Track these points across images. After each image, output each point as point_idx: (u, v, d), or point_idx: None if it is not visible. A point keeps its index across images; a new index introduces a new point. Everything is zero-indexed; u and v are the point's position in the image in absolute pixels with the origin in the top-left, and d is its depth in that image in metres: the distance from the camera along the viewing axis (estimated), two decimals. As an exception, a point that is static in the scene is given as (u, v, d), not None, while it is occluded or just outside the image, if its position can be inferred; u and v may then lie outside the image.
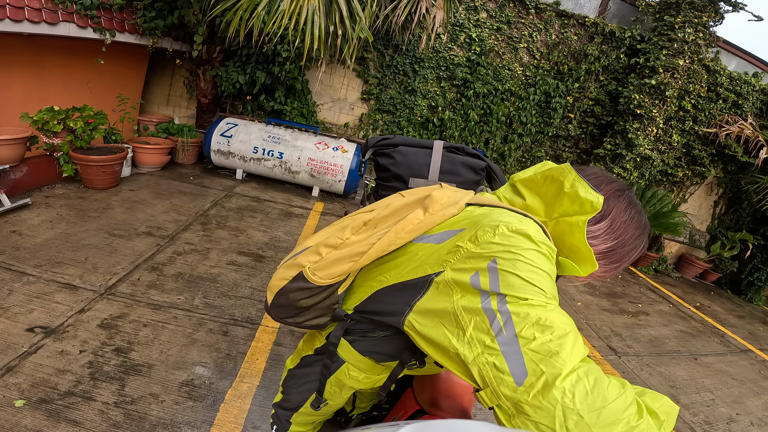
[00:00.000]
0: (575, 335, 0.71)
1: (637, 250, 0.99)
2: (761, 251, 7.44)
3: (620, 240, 0.96)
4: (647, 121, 6.02)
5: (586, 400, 0.64)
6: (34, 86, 4.44)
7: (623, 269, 1.01)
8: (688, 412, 3.45)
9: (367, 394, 1.55)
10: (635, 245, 0.98)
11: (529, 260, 0.77)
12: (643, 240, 0.99)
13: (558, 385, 0.65)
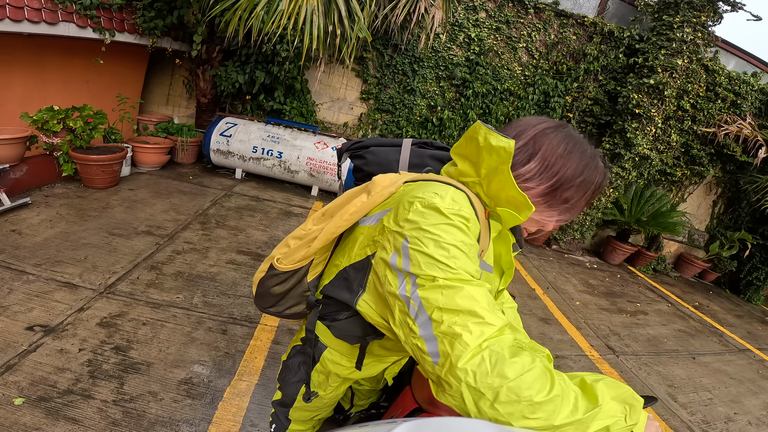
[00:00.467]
0: (484, 311, 0.74)
1: (590, 183, 0.93)
2: (760, 251, 7.45)
3: (560, 176, 0.92)
4: (646, 120, 6.03)
5: (486, 379, 0.67)
6: (33, 86, 4.45)
7: (583, 207, 0.96)
8: (686, 412, 3.46)
9: (365, 392, 1.57)
10: (583, 179, 0.93)
11: (437, 236, 0.79)
12: (592, 172, 0.93)
13: (460, 367, 0.69)
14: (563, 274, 6.03)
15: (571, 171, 0.92)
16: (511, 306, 1.38)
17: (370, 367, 1.20)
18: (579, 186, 0.93)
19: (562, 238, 7.01)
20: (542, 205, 0.95)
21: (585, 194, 0.94)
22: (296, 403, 1.30)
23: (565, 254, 7.03)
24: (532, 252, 6.63)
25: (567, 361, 3.72)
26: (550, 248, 7.08)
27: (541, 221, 0.99)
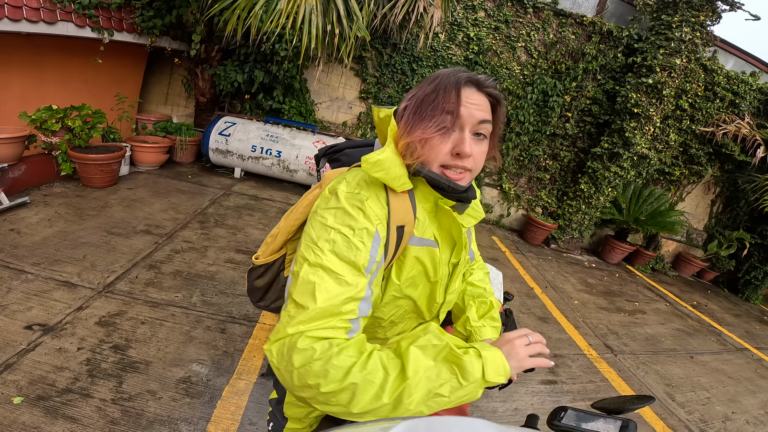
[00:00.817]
0: (315, 307, 0.79)
1: (437, 81, 0.95)
2: (758, 250, 7.47)
3: (415, 93, 0.97)
4: (644, 120, 6.03)
5: (282, 363, 0.77)
6: (32, 85, 4.45)
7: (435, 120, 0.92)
8: (683, 411, 3.46)
9: None
10: (426, 89, 0.95)
11: (323, 218, 0.88)
12: (430, 81, 0.96)
13: (268, 348, 0.80)
14: (562, 273, 6.04)
15: (417, 90, 0.97)
16: (480, 268, 1.44)
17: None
18: (423, 98, 0.94)
19: (561, 237, 7.02)
20: (412, 125, 0.95)
21: (438, 94, 0.93)
22: (288, 398, 1.32)
23: (563, 253, 7.05)
24: (531, 251, 6.64)
25: (565, 360, 3.72)
26: (548, 247, 7.09)
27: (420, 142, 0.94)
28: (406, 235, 0.96)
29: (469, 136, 0.94)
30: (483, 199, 7.39)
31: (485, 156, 1.01)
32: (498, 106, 1.00)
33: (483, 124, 0.95)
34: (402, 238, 0.95)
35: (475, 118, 0.93)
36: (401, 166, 0.94)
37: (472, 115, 0.93)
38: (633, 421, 0.96)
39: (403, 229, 0.95)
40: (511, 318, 1.91)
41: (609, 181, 6.47)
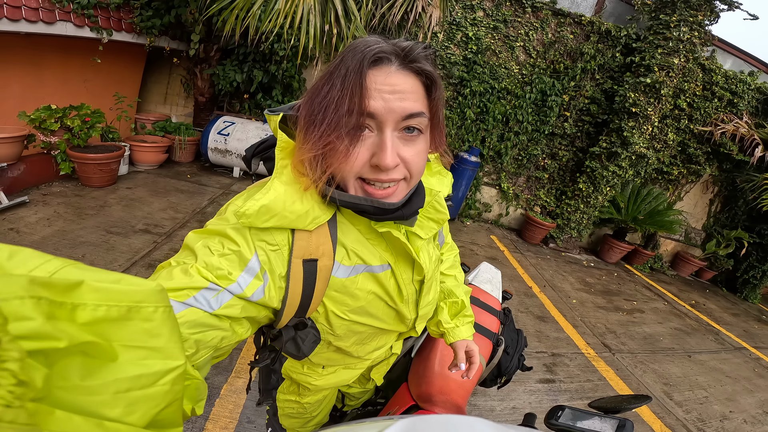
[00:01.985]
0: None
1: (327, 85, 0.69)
2: (756, 249, 7.48)
3: (309, 92, 0.74)
4: (642, 119, 6.04)
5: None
6: (31, 85, 4.45)
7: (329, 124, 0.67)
8: (681, 410, 3.48)
9: (355, 394, 1.54)
10: (323, 79, 0.71)
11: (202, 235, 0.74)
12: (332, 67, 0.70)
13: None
14: (560, 272, 6.06)
15: (311, 91, 0.73)
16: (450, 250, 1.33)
17: (337, 374, 1.13)
18: (316, 95, 0.71)
19: (560, 237, 7.03)
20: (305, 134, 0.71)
21: (334, 84, 0.68)
22: (280, 411, 1.28)
23: (562, 252, 7.06)
24: (530, 250, 6.65)
25: (563, 359, 3.73)
26: (547, 246, 7.10)
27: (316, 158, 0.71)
28: (322, 271, 0.80)
29: (393, 137, 0.70)
30: (482, 198, 7.41)
31: (425, 156, 0.76)
32: (433, 87, 0.74)
33: (412, 119, 0.70)
34: (316, 275, 0.79)
35: (396, 114, 0.68)
36: (304, 198, 0.73)
37: (391, 109, 0.68)
38: (630, 420, 0.97)
39: (315, 264, 0.78)
40: (510, 317, 1.92)
41: (607, 181, 6.48)
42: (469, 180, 6.62)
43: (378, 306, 0.94)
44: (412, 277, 0.96)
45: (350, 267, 0.85)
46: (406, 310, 1.00)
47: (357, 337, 0.99)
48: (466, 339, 1.18)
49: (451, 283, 1.27)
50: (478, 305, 1.86)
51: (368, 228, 0.84)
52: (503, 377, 1.76)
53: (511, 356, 1.74)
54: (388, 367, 1.38)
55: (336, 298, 0.86)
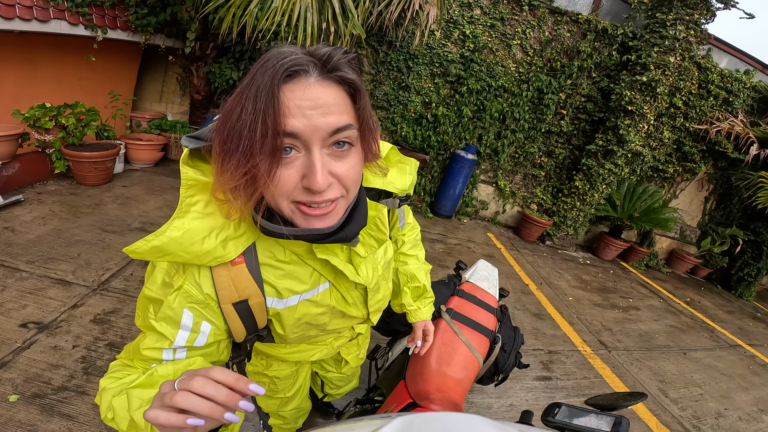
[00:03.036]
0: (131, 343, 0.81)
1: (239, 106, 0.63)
2: (751, 247, 7.52)
3: (221, 115, 0.68)
4: (638, 117, 6.06)
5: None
6: (25, 83, 4.43)
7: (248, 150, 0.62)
8: (676, 407, 3.50)
9: (333, 379, 1.59)
10: (229, 103, 0.67)
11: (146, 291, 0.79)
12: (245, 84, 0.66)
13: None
14: (556, 269, 6.07)
15: (226, 108, 0.67)
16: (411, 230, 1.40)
17: (300, 349, 1.15)
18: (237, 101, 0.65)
19: (556, 234, 7.05)
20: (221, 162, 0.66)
21: (245, 105, 0.62)
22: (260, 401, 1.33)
23: (558, 250, 7.08)
24: (526, 248, 6.66)
25: (560, 356, 3.75)
26: (543, 244, 7.12)
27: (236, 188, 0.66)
28: (256, 307, 0.82)
29: (322, 156, 0.66)
30: (479, 195, 7.42)
31: (360, 167, 0.73)
32: (358, 95, 0.69)
33: (340, 133, 0.66)
34: (251, 311, 0.82)
35: (322, 130, 0.64)
36: (210, 234, 0.71)
37: (315, 126, 0.63)
38: (626, 417, 0.97)
39: (246, 304, 0.80)
40: (506, 314, 1.92)
41: (603, 178, 6.49)
42: (465, 178, 6.62)
43: (323, 317, 0.97)
44: (356, 286, 0.98)
45: (284, 300, 0.86)
46: (355, 311, 1.03)
47: (309, 338, 1.06)
48: (426, 319, 1.35)
49: (414, 266, 1.34)
50: (475, 303, 1.86)
51: (307, 250, 0.83)
52: (500, 375, 1.77)
53: (508, 354, 1.75)
54: (359, 348, 1.48)
55: (279, 319, 0.90)
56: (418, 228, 1.43)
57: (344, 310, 0.99)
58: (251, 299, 0.80)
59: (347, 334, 1.26)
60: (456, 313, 1.76)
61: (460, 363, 1.56)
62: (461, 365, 1.55)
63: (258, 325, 0.87)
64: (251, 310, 0.82)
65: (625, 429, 0.95)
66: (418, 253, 1.38)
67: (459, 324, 1.71)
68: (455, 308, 1.79)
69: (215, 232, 0.71)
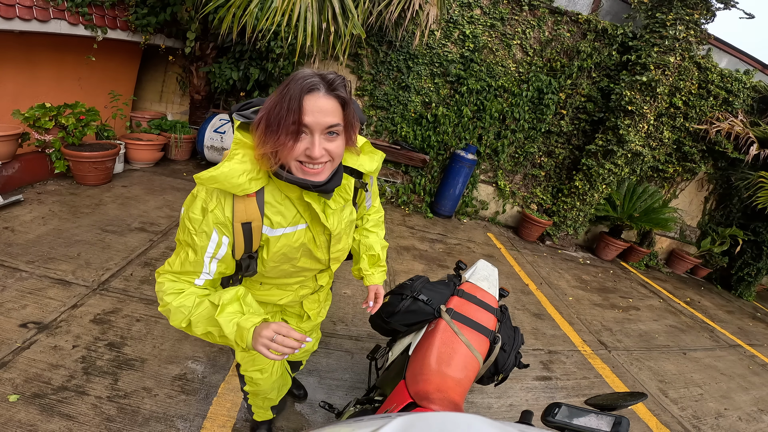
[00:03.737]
0: (173, 265, 1.22)
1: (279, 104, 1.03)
2: (751, 247, 7.52)
3: (264, 107, 1.08)
4: (638, 117, 6.06)
5: (156, 287, 1.23)
6: (25, 83, 4.43)
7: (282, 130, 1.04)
8: (676, 407, 3.50)
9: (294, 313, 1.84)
10: (272, 100, 1.06)
11: (186, 215, 1.18)
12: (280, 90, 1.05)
13: (157, 276, 1.25)
14: (556, 269, 6.07)
15: (269, 103, 1.07)
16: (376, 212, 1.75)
17: (271, 292, 1.53)
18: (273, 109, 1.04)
19: (556, 234, 7.05)
20: (264, 138, 1.07)
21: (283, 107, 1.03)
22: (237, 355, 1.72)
23: (558, 250, 7.08)
24: (526, 248, 6.67)
25: (559, 356, 3.75)
26: (543, 244, 7.12)
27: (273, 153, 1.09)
28: (255, 230, 1.21)
29: (320, 138, 1.07)
30: (478, 195, 7.42)
31: (342, 147, 1.15)
32: (346, 106, 1.11)
33: (332, 128, 1.07)
34: (252, 231, 1.21)
35: (321, 125, 1.06)
36: (242, 174, 1.10)
37: (318, 122, 1.05)
38: (625, 417, 0.97)
39: (249, 225, 1.19)
40: (506, 314, 1.92)
41: (603, 178, 6.50)
42: (465, 177, 6.62)
43: (297, 251, 1.34)
44: (324, 231, 1.35)
45: (275, 230, 1.25)
46: (320, 254, 1.40)
47: (283, 273, 1.41)
48: (378, 284, 1.70)
49: (372, 240, 1.71)
50: (475, 303, 1.86)
51: (298, 196, 1.23)
52: (500, 375, 1.77)
53: (508, 354, 1.75)
54: (320, 303, 1.81)
55: (267, 245, 1.27)
56: (383, 212, 1.79)
57: (312, 250, 1.36)
58: (254, 222, 1.19)
59: (310, 285, 1.60)
60: (456, 313, 1.76)
61: (460, 363, 1.56)
62: (461, 365, 1.55)
63: (253, 248, 1.26)
64: (252, 232, 1.21)
65: (625, 429, 0.95)
66: (379, 232, 1.75)
67: (459, 324, 1.71)
68: (455, 308, 1.79)
69: (246, 174, 1.11)
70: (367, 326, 3.31)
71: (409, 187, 7.01)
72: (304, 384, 2.59)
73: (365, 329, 3.31)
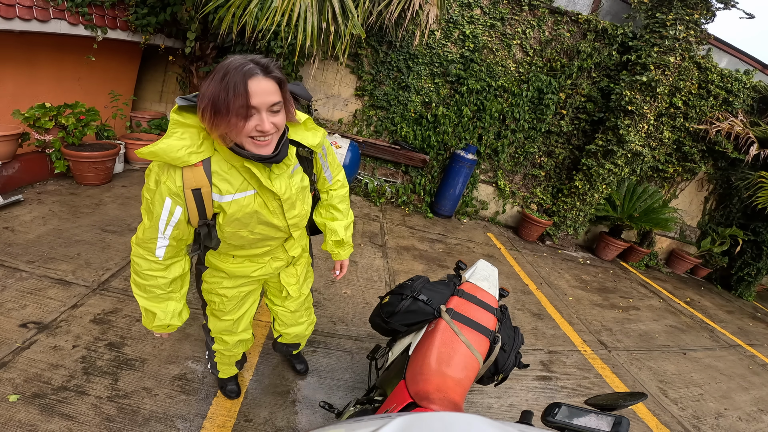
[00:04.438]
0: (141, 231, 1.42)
1: (224, 92, 1.15)
2: (751, 247, 7.53)
3: (203, 95, 1.18)
4: (638, 117, 6.06)
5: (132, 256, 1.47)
6: (25, 83, 4.42)
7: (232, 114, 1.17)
8: (676, 407, 3.50)
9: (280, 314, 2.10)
10: (212, 88, 1.16)
11: (145, 186, 1.36)
12: (219, 79, 1.16)
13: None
14: (556, 269, 6.08)
15: (205, 87, 1.18)
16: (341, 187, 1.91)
17: (244, 265, 1.71)
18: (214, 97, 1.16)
19: (556, 234, 7.06)
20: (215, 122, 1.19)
21: (225, 103, 1.15)
22: (207, 309, 1.90)
23: (558, 250, 7.08)
24: (526, 248, 6.67)
25: (559, 356, 3.75)
26: (543, 244, 7.12)
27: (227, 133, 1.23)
28: (205, 195, 1.34)
29: (266, 115, 1.23)
30: (478, 195, 7.42)
31: (284, 120, 1.31)
32: (283, 84, 1.27)
33: (274, 105, 1.23)
34: (202, 197, 1.34)
35: (266, 104, 1.21)
36: (181, 149, 1.24)
37: (264, 102, 1.20)
38: (625, 417, 0.97)
39: (200, 191, 1.33)
40: (506, 314, 1.92)
41: (603, 178, 6.50)
42: (465, 177, 6.62)
43: (250, 217, 1.46)
44: (273, 197, 1.47)
45: (224, 196, 1.37)
46: (276, 220, 1.53)
47: (244, 239, 1.54)
48: (344, 259, 2.02)
49: (337, 225, 1.91)
50: (475, 303, 1.86)
51: (242, 165, 1.35)
52: (500, 375, 1.77)
53: (508, 354, 1.75)
54: (297, 278, 1.98)
55: (221, 211, 1.41)
56: (347, 187, 1.95)
57: (266, 216, 1.49)
58: (203, 189, 1.33)
59: (282, 256, 1.78)
60: (456, 313, 1.76)
61: (460, 363, 1.56)
62: (461, 365, 1.55)
63: (207, 214, 1.39)
64: (203, 198, 1.34)
65: (625, 429, 0.95)
66: (343, 208, 1.92)
67: (459, 324, 1.71)
68: (455, 308, 1.79)
69: (185, 149, 1.25)
70: (367, 326, 3.31)
71: (409, 187, 7.01)
72: (304, 383, 2.59)
73: (365, 329, 3.31)
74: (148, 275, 1.45)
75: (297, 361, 2.67)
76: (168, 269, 1.49)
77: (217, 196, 1.36)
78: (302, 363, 2.68)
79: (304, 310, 2.14)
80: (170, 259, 1.47)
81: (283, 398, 2.46)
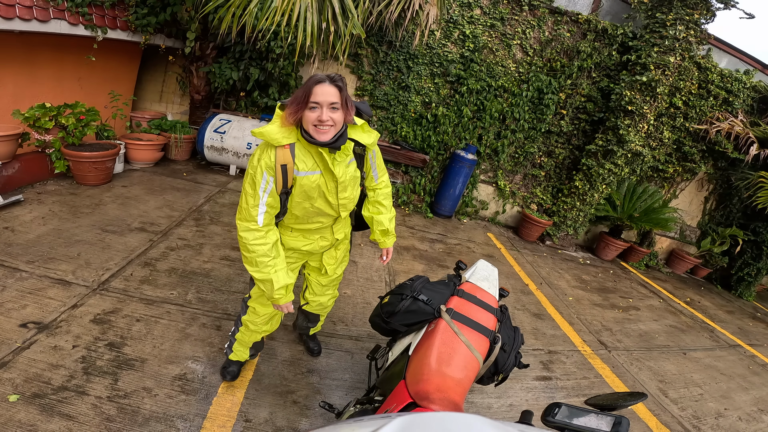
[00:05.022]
0: (243, 205, 1.80)
1: (301, 91, 1.67)
2: (751, 247, 7.53)
3: (293, 96, 1.71)
4: (638, 117, 6.06)
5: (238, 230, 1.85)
6: (25, 83, 4.43)
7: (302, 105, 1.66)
8: (676, 407, 3.50)
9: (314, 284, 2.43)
10: (297, 91, 1.69)
11: (249, 164, 1.79)
12: (302, 85, 1.70)
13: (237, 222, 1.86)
14: (556, 269, 6.07)
15: (300, 88, 1.70)
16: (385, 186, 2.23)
17: (297, 239, 2.08)
18: (300, 92, 1.68)
19: (556, 234, 7.05)
20: (292, 112, 1.69)
21: (303, 93, 1.66)
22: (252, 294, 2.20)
23: (558, 250, 7.08)
24: (526, 248, 6.67)
25: (559, 356, 3.75)
26: (543, 244, 7.12)
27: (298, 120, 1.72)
28: (289, 170, 1.76)
29: (326, 109, 1.64)
30: (478, 195, 7.42)
31: (343, 117, 1.71)
32: (342, 91, 1.68)
33: (333, 104, 1.65)
34: (287, 171, 1.76)
35: (326, 101, 1.64)
36: (278, 133, 1.71)
37: (324, 99, 1.63)
38: (625, 417, 0.97)
39: (285, 167, 1.75)
40: (506, 314, 1.92)
41: (603, 178, 6.50)
42: (465, 177, 6.62)
43: (314, 192, 1.85)
44: (332, 178, 1.85)
45: (300, 172, 1.79)
46: (331, 197, 1.90)
47: (305, 211, 1.93)
48: (389, 246, 2.33)
49: (383, 218, 2.23)
50: (475, 303, 1.86)
51: (316, 150, 1.77)
52: (500, 375, 1.77)
53: (508, 354, 1.75)
54: (336, 260, 2.32)
55: (295, 184, 1.82)
56: (390, 187, 2.27)
57: (325, 192, 1.87)
58: (288, 165, 1.75)
59: (328, 237, 2.14)
60: (456, 313, 1.76)
61: (460, 363, 1.56)
62: (461, 365, 1.55)
63: (288, 184, 1.79)
64: (287, 173, 1.76)
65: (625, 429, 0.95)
66: (387, 204, 2.25)
67: (459, 324, 1.71)
68: (455, 308, 1.79)
69: (281, 134, 1.72)
70: (367, 326, 3.32)
71: (409, 187, 7.01)
72: (305, 383, 2.59)
73: (365, 329, 3.31)
74: (254, 245, 1.79)
75: (312, 342, 2.92)
76: (267, 235, 1.82)
77: (296, 171, 1.77)
78: (317, 344, 2.92)
79: (332, 286, 2.47)
80: (267, 226, 1.82)
81: (283, 398, 2.46)
